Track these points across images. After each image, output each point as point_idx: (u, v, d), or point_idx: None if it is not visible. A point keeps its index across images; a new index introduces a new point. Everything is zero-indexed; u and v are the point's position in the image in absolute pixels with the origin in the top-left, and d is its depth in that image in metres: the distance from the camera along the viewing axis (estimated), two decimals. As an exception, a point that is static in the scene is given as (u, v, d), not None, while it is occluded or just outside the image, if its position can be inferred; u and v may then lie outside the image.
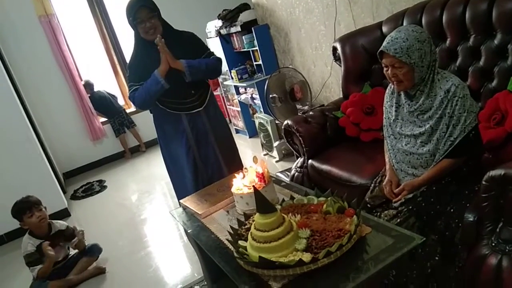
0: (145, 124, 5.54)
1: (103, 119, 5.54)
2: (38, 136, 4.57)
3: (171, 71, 2.27)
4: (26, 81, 4.94)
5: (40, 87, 5.05)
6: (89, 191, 4.73)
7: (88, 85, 5.36)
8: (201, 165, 2.47)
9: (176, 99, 2.36)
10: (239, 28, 4.31)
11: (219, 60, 2.45)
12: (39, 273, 2.75)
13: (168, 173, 2.62)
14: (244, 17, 4.32)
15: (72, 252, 3.06)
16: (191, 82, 2.34)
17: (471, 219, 1.54)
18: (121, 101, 5.74)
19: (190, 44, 2.39)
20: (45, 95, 5.09)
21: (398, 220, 1.68)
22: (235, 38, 4.56)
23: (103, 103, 5.41)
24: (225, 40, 4.66)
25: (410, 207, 1.70)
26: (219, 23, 4.56)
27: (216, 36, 4.68)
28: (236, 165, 2.49)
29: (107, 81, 5.66)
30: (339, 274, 1.25)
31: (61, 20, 5.13)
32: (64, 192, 4.63)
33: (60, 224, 3.02)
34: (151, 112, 2.53)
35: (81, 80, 5.29)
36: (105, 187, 4.79)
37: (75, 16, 5.43)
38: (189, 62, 2.30)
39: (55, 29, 4.96)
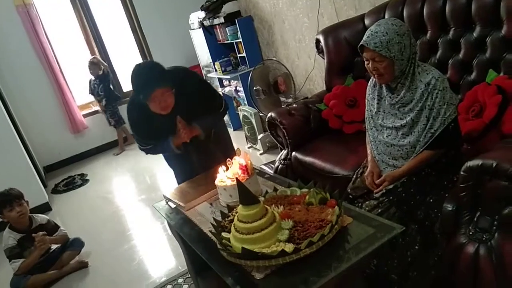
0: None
1: (85, 112, 5.44)
2: (17, 129, 4.47)
3: None
4: (4, 74, 4.82)
5: (19, 80, 4.93)
6: (71, 185, 4.66)
7: (100, 63, 5.11)
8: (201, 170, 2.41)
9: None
10: (222, 20, 4.28)
11: (227, 107, 2.36)
12: (22, 266, 2.72)
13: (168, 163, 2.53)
14: (227, 8, 4.29)
15: (54, 246, 3.02)
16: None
17: (450, 209, 1.57)
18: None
19: (199, 99, 2.18)
20: (24, 87, 4.97)
21: (379, 210, 1.71)
22: (218, 30, 4.53)
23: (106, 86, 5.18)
24: (209, 31, 4.62)
25: (391, 198, 1.73)
26: (202, 14, 4.52)
27: (199, 28, 4.64)
28: None
29: (88, 74, 5.53)
30: (321, 264, 1.27)
31: (40, 9, 5.00)
32: (45, 186, 4.56)
33: (41, 218, 2.98)
34: None
35: (62, 72, 5.15)
36: (87, 180, 4.72)
37: (54, 6, 5.29)
38: (204, 126, 2.17)
39: (34, 19, 4.83)
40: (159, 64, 2.00)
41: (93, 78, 5.12)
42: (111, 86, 5.18)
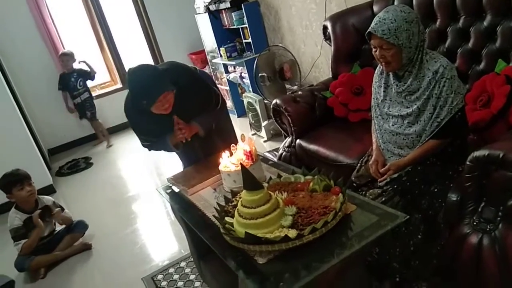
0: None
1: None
2: (22, 111, 4.48)
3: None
4: (9, 56, 4.80)
5: (24, 62, 4.92)
6: (75, 168, 4.68)
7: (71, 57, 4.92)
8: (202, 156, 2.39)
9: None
10: (228, 4, 4.23)
11: (224, 104, 2.35)
12: (24, 246, 2.75)
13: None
14: (234, -7, 4.24)
15: (58, 228, 3.06)
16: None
17: (454, 199, 1.57)
18: (105, 77, 5.62)
19: (195, 97, 2.14)
20: (29, 70, 4.96)
21: (383, 199, 1.70)
22: (224, 15, 4.49)
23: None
24: (214, 16, 4.57)
25: (395, 187, 1.72)
26: (208, -1, 4.48)
27: (205, 12, 4.60)
28: None
29: (93, 56, 5.51)
30: (324, 250, 1.27)
31: (45, -8, 4.97)
32: (49, 169, 4.58)
33: (46, 199, 3.01)
34: None
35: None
36: (91, 164, 4.74)
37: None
38: (203, 124, 2.14)
39: (39, 1, 4.80)
40: (156, 68, 1.92)
41: (66, 72, 4.92)
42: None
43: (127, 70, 1.98)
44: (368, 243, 1.27)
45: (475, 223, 1.50)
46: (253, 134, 4.25)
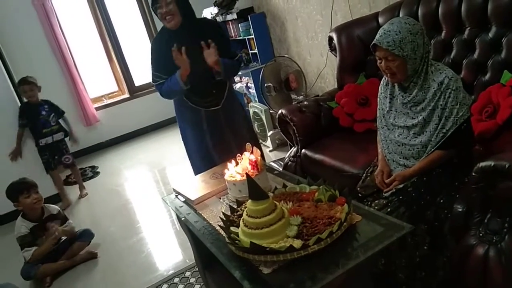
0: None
1: (97, 105, 5.48)
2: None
3: (198, 68, 2.24)
4: (18, 65, 4.85)
5: (33, 71, 4.90)
6: (82, 177, 4.69)
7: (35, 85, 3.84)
8: (217, 158, 2.45)
9: (197, 95, 2.38)
10: (235, 16, 4.28)
11: (241, 62, 2.53)
12: (36, 253, 2.76)
13: (186, 150, 2.64)
14: (240, 4, 4.29)
15: (64, 237, 3.07)
16: (214, 81, 2.35)
17: (460, 210, 1.56)
18: (113, 87, 5.69)
19: (216, 38, 2.29)
20: (38, 79, 4.96)
21: (389, 210, 1.70)
22: (231, 26, 4.53)
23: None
24: (221, 27, 4.62)
25: (401, 197, 1.72)
26: (215, 10, 4.52)
27: (212, 24, 4.64)
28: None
29: (101, 68, 5.59)
30: (329, 261, 1.27)
31: (55, 2, 5.05)
32: (57, 177, 4.60)
33: (52, 208, 3.03)
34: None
35: (75, 65, 5.19)
36: (97, 173, 4.77)
37: (69, -1, 5.35)
38: (224, 62, 2.28)
39: (49, 12, 4.88)
40: None
41: (31, 102, 3.85)
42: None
43: (135, 81, 2.14)
44: (374, 254, 1.27)
45: (481, 234, 1.50)
46: (258, 144, 4.26)
